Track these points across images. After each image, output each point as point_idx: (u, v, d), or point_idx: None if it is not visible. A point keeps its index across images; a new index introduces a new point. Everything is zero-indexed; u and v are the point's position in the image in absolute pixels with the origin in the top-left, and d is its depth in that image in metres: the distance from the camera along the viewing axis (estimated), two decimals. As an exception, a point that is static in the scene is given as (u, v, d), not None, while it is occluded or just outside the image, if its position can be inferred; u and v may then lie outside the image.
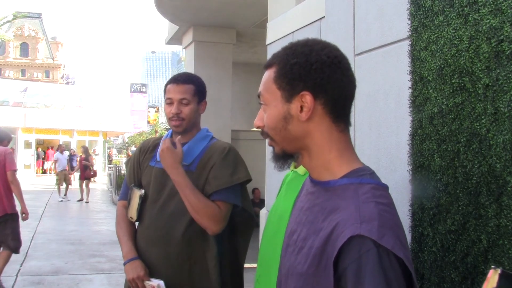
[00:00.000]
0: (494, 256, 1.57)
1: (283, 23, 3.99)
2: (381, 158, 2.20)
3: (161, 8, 8.20)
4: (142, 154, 2.19)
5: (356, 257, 0.87)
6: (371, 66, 2.32)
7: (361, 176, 1.00)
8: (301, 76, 1.01)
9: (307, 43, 1.06)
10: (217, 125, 8.68)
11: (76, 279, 5.83)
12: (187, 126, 2.07)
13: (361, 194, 0.95)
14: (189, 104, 2.06)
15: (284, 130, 1.04)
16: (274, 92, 1.05)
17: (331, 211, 0.97)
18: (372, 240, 0.87)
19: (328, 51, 1.03)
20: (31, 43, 60.45)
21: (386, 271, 0.86)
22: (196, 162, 2.06)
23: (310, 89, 1.00)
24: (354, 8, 2.49)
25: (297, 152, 1.08)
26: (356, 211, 0.92)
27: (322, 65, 1.00)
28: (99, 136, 32.76)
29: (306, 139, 1.04)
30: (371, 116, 2.30)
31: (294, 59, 1.03)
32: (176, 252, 1.98)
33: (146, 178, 2.13)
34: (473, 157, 1.66)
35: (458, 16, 1.74)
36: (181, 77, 2.09)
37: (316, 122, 1.02)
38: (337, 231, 0.92)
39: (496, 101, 1.58)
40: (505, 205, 1.54)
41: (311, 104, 1.01)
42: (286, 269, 1.05)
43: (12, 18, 28.55)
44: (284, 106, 1.03)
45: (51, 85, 44.59)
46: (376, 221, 0.90)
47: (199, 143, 2.10)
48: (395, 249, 0.88)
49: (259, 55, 10.43)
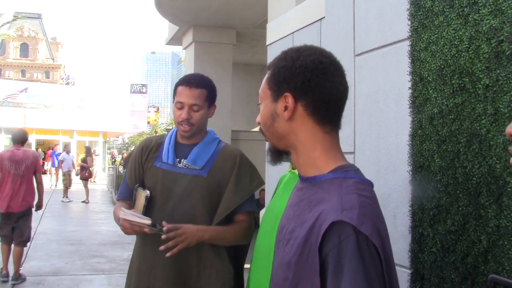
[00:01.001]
0: (494, 256, 1.57)
1: (283, 24, 3.99)
2: (381, 159, 2.20)
3: (161, 9, 8.20)
4: (145, 153, 2.11)
5: (336, 243, 0.93)
6: (371, 66, 2.32)
7: (346, 172, 1.06)
8: (285, 78, 1.09)
9: (300, 49, 1.13)
10: (217, 125, 8.67)
11: (76, 279, 5.83)
12: (195, 131, 2.03)
13: (344, 186, 1.01)
14: (200, 109, 2.00)
15: (272, 127, 1.13)
16: (266, 92, 1.15)
17: (316, 203, 1.03)
18: (352, 226, 0.93)
19: (315, 58, 1.09)
20: (31, 44, 60.49)
21: (364, 257, 0.91)
22: (208, 167, 2.01)
23: (291, 91, 1.08)
24: (354, 8, 2.49)
25: (287, 150, 1.16)
26: (338, 201, 0.98)
27: (305, 69, 1.07)
28: (99, 137, 32.74)
29: (291, 137, 1.11)
30: (371, 117, 2.29)
31: (283, 62, 1.11)
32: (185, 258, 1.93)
33: (151, 179, 2.05)
34: (473, 157, 1.66)
35: (458, 16, 1.74)
36: (194, 80, 2.01)
37: (298, 122, 1.10)
38: (320, 219, 0.98)
39: (496, 101, 1.58)
40: (505, 205, 1.54)
41: (292, 105, 1.08)
42: (277, 262, 1.11)
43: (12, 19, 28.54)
44: (272, 105, 1.12)
45: (51, 86, 44.60)
46: (357, 209, 0.95)
47: (208, 146, 2.06)
48: (373, 237, 0.93)
49: (259, 56, 10.42)
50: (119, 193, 2.19)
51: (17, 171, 5.31)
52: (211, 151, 2.06)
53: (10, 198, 5.25)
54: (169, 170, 2.02)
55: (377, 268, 0.92)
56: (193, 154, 2.02)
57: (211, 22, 8.65)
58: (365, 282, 0.89)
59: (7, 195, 5.25)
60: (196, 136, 2.07)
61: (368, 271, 0.90)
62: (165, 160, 2.04)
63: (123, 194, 2.16)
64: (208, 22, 8.64)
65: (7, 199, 5.24)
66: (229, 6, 7.68)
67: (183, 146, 2.07)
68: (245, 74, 11.30)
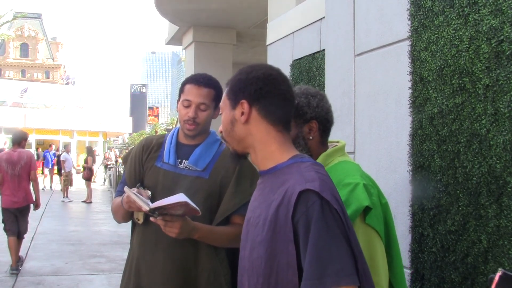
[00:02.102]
0: (494, 256, 1.57)
1: (283, 24, 4.00)
2: (381, 159, 2.20)
3: (161, 9, 8.20)
4: (146, 153, 2.08)
5: (304, 210, 1.10)
6: (371, 66, 2.32)
7: (302, 157, 1.25)
8: (241, 88, 1.29)
9: (252, 65, 1.33)
10: (217, 125, 8.63)
11: (76, 279, 5.82)
12: (200, 130, 2.00)
13: (303, 167, 1.19)
14: (207, 109, 1.98)
15: (232, 131, 1.31)
16: (225, 102, 1.33)
17: (280, 185, 1.19)
18: (316, 192, 1.10)
19: (265, 71, 1.29)
20: (31, 44, 60.49)
21: (327, 218, 1.08)
22: (209, 168, 1.99)
23: (246, 98, 1.27)
24: (354, 8, 2.49)
25: (245, 152, 1.33)
26: (300, 177, 1.15)
27: (257, 80, 1.27)
28: (99, 137, 32.75)
29: (249, 138, 1.29)
30: (371, 117, 2.29)
31: (239, 76, 1.32)
32: (184, 257, 1.92)
33: (151, 179, 2.02)
34: (473, 157, 1.66)
35: (458, 16, 1.74)
36: (203, 80, 2.00)
37: (253, 124, 1.28)
38: (288, 194, 1.14)
39: (496, 101, 1.58)
40: (505, 205, 1.54)
41: (248, 110, 1.27)
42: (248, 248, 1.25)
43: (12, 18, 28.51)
44: (231, 112, 1.31)
45: (51, 86, 44.61)
46: (318, 181, 1.13)
47: (210, 147, 2.04)
48: (333, 201, 1.11)
49: (259, 56, 10.42)
50: (117, 191, 2.15)
51: (13, 171, 5.83)
52: (213, 152, 2.04)
53: (11, 196, 5.79)
54: (170, 171, 2.00)
55: (340, 227, 1.09)
56: (195, 155, 2.00)
57: (211, 22, 8.65)
58: (329, 236, 1.07)
59: (8, 194, 5.81)
60: (198, 137, 2.04)
61: (331, 228, 1.07)
62: (166, 160, 2.02)
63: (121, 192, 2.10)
64: (208, 22, 8.65)
65: (9, 197, 5.80)
66: (229, 6, 7.68)
67: (185, 147, 2.05)
68: (245, 74, 11.30)
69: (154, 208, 1.70)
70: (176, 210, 1.71)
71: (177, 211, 1.72)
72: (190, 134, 2.01)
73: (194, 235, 1.84)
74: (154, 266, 1.95)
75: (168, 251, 1.92)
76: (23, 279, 5.69)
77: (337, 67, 2.64)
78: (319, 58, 3.47)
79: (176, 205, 1.68)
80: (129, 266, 2.08)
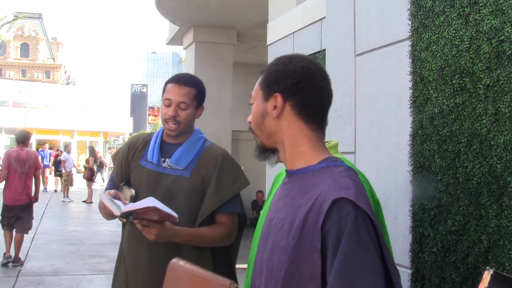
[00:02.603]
0: (495, 256, 1.57)
1: (284, 24, 4.00)
2: (382, 159, 2.20)
3: (161, 9, 8.21)
4: (131, 151, 2.11)
5: (337, 219, 1.01)
6: (372, 66, 2.32)
7: (335, 161, 1.17)
8: (276, 80, 1.20)
9: (291, 56, 1.24)
10: (218, 125, 8.67)
11: (76, 279, 5.83)
12: (182, 130, 2.02)
13: (336, 172, 1.11)
14: (187, 108, 2.00)
15: (262, 125, 1.23)
16: (258, 92, 1.25)
17: (310, 189, 1.11)
18: (351, 202, 1.01)
19: (304, 64, 1.20)
20: (31, 44, 60.49)
21: (360, 231, 0.99)
22: (191, 167, 2.01)
23: (281, 91, 1.19)
24: (355, 8, 2.49)
25: (274, 147, 1.24)
26: (335, 183, 1.07)
27: (294, 73, 1.18)
28: (100, 137, 32.76)
29: (279, 134, 1.21)
30: (372, 117, 2.29)
31: (275, 66, 1.23)
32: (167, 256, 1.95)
33: (136, 178, 2.05)
34: (474, 157, 1.66)
35: (458, 16, 1.74)
36: (183, 79, 2.02)
37: (286, 120, 1.19)
38: (319, 200, 1.05)
39: (496, 101, 1.58)
40: (506, 205, 1.53)
41: (281, 104, 1.19)
42: (268, 251, 1.16)
43: (12, 19, 28.51)
44: (263, 104, 1.22)
45: (51, 86, 44.62)
46: (353, 189, 1.05)
47: (193, 146, 2.05)
48: (369, 212, 1.03)
49: (259, 56, 10.42)
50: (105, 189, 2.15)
51: (22, 169, 6.14)
52: (195, 151, 2.05)
53: (16, 192, 6.07)
54: (153, 170, 2.02)
55: (373, 240, 1.00)
56: (177, 154, 2.02)
57: (212, 22, 8.65)
58: (360, 250, 0.97)
59: (14, 189, 6.07)
60: (182, 136, 2.06)
61: (364, 241, 0.98)
62: (150, 159, 2.04)
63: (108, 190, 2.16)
64: (208, 22, 8.64)
65: (14, 193, 6.06)
66: (230, 6, 7.68)
67: (169, 146, 2.07)
68: (246, 74, 11.29)
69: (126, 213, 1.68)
70: (151, 215, 1.70)
71: (151, 216, 1.71)
72: (172, 134, 2.03)
73: (175, 240, 1.86)
74: (137, 262, 1.98)
75: (151, 249, 1.94)
76: (23, 279, 5.69)
77: (337, 67, 2.64)
78: (319, 58, 3.47)
79: (148, 210, 1.66)
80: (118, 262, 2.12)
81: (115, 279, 2.10)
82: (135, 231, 1.96)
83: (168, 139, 2.08)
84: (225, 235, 2.02)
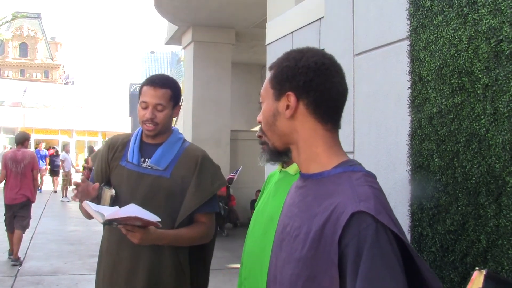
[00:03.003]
0: (494, 256, 1.57)
1: (283, 23, 4.00)
2: (381, 159, 2.20)
3: (160, 8, 8.20)
4: (111, 152, 2.12)
5: (356, 233, 0.94)
6: (371, 66, 2.32)
7: (353, 166, 1.09)
8: (288, 78, 1.11)
9: (302, 50, 1.15)
10: (217, 125, 8.67)
11: (75, 279, 5.82)
12: (160, 130, 2.05)
13: (354, 179, 1.03)
14: (164, 109, 2.02)
15: (274, 125, 1.14)
16: (268, 91, 1.16)
17: (327, 197, 1.03)
18: (371, 216, 0.94)
19: (317, 59, 1.11)
20: (30, 43, 60.39)
21: (382, 245, 0.92)
22: (170, 168, 2.03)
23: (294, 90, 1.10)
24: (354, 8, 2.49)
25: (287, 148, 1.17)
26: (353, 193, 0.99)
27: (308, 69, 1.09)
28: (98, 136, 32.75)
29: (293, 134, 1.13)
30: (371, 116, 2.29)
31: (286, 62, 1.13)
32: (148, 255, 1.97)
33: (116, 178, 2.07)
34: (473, 157, 1.66)
35: (457, 16, 1.74)
36: (158, 80, 2.04)
37: (300, 120, 1.11)
38: (336, 211, 0.98)
39: (495, 101, 1.58)
40: (505, 205, 1.54)
41: (294, 104, 1.10)
42: (282, 260, 1.10)
43: (11, 19, 28.46)
44: (274, 104, 1.14)
45: (50, 85, 44.59)
46: (373, 200, 0.97)
47: (172, 146, 2.08)
48: (390, 225, 0.95)
49: (258, 55, 10.42)
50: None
51: (17, 169, 6.41)
52: (175, 151, 2.08)
53: (13, 191, 6.35)
54: (134, 170, 2.04)
55: (396, 254, 0.93)
56: (157, 155, 2.04)
57: (211, 22, 8.65)
58: (383, 266, 0.91)
59: (10, 189, 6.37)
60: (160, 136, 2.09)
61: (386, 255, 0.92)
62: (130, 160, 2.06)
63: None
64: (207, 21, 8.64)
65: (11, 192, 6.37)
66: (229, 6, 7.68)
67: (148, 146, 2.09)
68: (245, 73, 11.29)
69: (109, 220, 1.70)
70: (134, 221, 1.73)
71: (135, 222, 1.73)
72: (150, 134, 2.06)
73: (159, 243, 1.91)
74: (119, 262, 2.01)
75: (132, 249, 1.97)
76: (22, 279, 5.68)
77: (336, 66, 2.64)
78: (318, 57, 3.46)
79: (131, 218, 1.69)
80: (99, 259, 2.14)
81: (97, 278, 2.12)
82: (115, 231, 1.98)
83: (147, 139, 2.10)
84: (205, 234, 2.07)
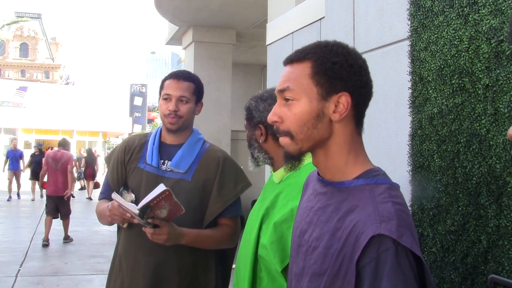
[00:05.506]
0: (494, 256, 1.57)
1: (283, 24, 4.00)
2: (381, 159, 2.20)
3: (161, 9, 8.20)
4: (128, 154, 2.04)
5: (374, 256, 0.88)
6: (371, 66, 2.30)
7: (376, 177, 1.00)
8: (342, 76, 0.99)
9: (340, 44, 1.04)
10: (217, 125, 8.67)
11: (75, 279, 5.82)
12: (183, 124, 1.98)
13: (377, 194, 0.95)
14: (188, 102, 1.96)
15: (312, 129, 1.00)
16: (308, 88, 1.00)
17: (348, 212, 0.96)
18: (391, 239, 0.88)
19: (360, 56, 1.03)
20: (30, 44, 60.45)
21: (404, 269, 0.86)
22: (192, 170, 1.97)
23: (349, 90, 0.99)
24: (354, 8, 2.49)
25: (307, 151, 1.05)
26: (374, 211, 0.92)
27: (360, 68, 1.01)
28: (99, 137, 32.80)
29: (329, 139, 1.01)
30: (371, 117, 2.29)
31: (335, 57, 1.00)
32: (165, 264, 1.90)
33: (134, 181, 1.99)
34: (473, 157, 1.66)
35: (458, 16, 1.74)
36: (182, 74, 2.00)
37: (344, 124, 1.01)
38: (356, 231, 0.91)
39: (496, 101, 1.58)
40: (505, 205, 1.53)
41: (348, 105, 0.99)
42: (300, 268, 1.04)
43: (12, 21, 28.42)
44: (319, 104, 0.99)
45: (50, 86, 44.65)
46: (395, 220, 0.90)
47: (192, 148, 2.01)
48: (414, 247, 0.89)
49: (258, 56, 10.42)
50: (100, 193, 2.10)
51: (56, 166, 7.91)
52: (195, 153, 2.01)
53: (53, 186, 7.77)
54: (153, 173, 1.96)
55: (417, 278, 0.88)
56: (177, 157, 1.97)
57: (211, 22, 8.65)
58: None
59: (51, 183, 7.83)
60: (182, 133, 2.01)
61: (408, 282, 0.86)
62: (149, 162, 1.98)
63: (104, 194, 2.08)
64: (207, 22, 8.64)
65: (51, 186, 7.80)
66: (229, 6, 7.68)
67: (167, 147, 2.02)
68: (245, 74, 11.30)
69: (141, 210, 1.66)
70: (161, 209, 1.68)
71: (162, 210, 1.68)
72: (173, 128, 1.97)
73: (182, 241, 1.82)
74: (136, 270, 1.93)
75: (150, 256, 1.90)
76: (23, 279, 5.68)
77: (336, 67, 2.64)
78: (318, 58, 3.46)
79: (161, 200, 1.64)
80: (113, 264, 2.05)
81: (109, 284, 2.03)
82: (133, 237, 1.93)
83: (166, 140, 2.03)
84: (229, 238, 1.99)
